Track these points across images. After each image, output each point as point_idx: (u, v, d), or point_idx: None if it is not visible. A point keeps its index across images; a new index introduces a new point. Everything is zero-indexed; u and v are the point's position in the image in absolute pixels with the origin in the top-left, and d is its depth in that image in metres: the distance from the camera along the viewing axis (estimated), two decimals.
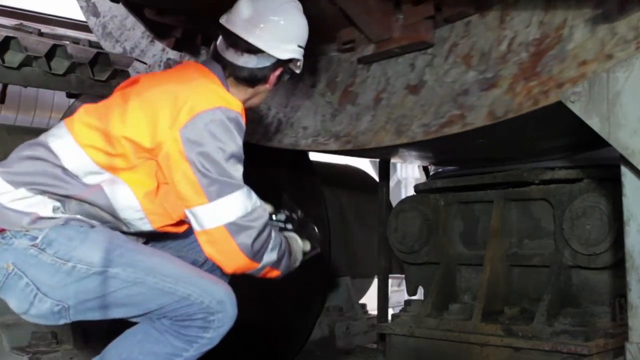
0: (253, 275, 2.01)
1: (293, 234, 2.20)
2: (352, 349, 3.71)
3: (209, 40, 2.60)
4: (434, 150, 2.89)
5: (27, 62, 3.28)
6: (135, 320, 1.96)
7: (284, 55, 2.09)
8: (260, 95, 2.19)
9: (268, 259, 1.97)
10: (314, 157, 3.99)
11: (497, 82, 2.26)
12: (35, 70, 3.33)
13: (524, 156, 2.90)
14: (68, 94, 3.91)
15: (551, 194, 2.73)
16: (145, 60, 3.70)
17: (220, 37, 2.14)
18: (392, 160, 3.77)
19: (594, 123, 1.85)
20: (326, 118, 2.85)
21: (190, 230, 2.07)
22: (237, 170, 1.93)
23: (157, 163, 1.94)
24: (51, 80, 3.40)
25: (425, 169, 4.58)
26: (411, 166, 10.58)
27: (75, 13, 5.10)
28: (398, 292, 8.68)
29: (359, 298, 4.53)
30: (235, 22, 2.08)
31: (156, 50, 3.65)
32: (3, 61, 3.20)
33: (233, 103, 1.97)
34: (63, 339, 2.90)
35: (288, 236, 2.16)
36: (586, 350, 2.33)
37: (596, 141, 1.90)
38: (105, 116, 1.97)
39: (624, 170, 1.83)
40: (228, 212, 1.88)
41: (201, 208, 1.88)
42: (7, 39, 3.16)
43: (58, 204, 1.91)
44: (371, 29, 2.64)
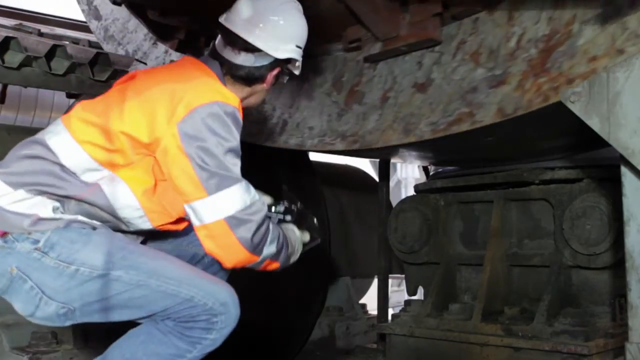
0: (253, 268, 2.00)
1: (290, 225, 2.20)
2: (352, 349, 3.70)
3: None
4: (437, 149, 2.87)
5: (27, 63, 3.28)
6: (139, 321, 1.97)
7: (282, 54, 2.10)
8: (257, 94, 2.19)
9: (268, 252, 1.97)
10: (314, 157, 3.99)
11: (506, 79, 2.24)
12: (35, 70, 3.34)
13: (524, 156, 2.90)
14: (68, 94, 3.90)
15: (551, 194, 2.73)
16: (147, 62, 3.69)
17: (219, 36, 2.14)
18: (392, 160, 3.77)
19: (594, 123, 1.85)
20: (332, 118, 2.83)
21: (189, 227, 2.07)
22: (235, 164, 1.93)
23: (155, 159, 1.94)
24: (51, 80, 3.40)
25: (425, 169, 4.57)
26: (411, 166, 10.57)
27: (75, 13, 5.10)
28: (398, 292, 8.68)
29: (359, 298, 4.53)
30: (234, 22, 2.08)
31: (159, 52, 3.63)
32: (3, 61, 3.20)
33: (230, 97, 1.97)
34: (63, 339, 2.90)
35: (284, 227, 2.15)
36: (586, 350, 2.33)
37: (596, 141, 1.90)
38: (103, 112, 1.96)
39: (624, 170, 1.83)
40: (227, 206, 1.88)
41: (200, 202, 1.88)
42: (7, 39, 3.16)
43: (57, 204, 1.90)
44: (378, 27, 2.61)
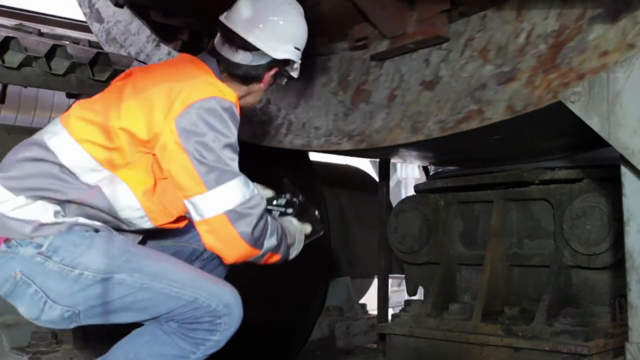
0: (255, 262, 2.00)
1: (289, 217, 2.19)
2: (352, 349, 3.70)
3: None
4: (439, 149, 2.86)
5: (27, 62, 3.28)
6: (142, 323, 1.97)
7: (280, 55, 2.10)
8: (254, 94, 2.19)
9: (269, 245, 1.97)
10: (314, 157, 3.99)
11: (516, 76, 2.21)
12: (35, 70, 3.33)
13: (524, 156, 2.90)
14: (68, 94, 3.89)
15: (551, 194, 2.73)
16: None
17: (218, 34, 2.15)
18: (393, 160, 3.77)
19: (594, 123, 1.85)
20: (338, 117, 2.80)
21: (189, 225, 2.07)
22: (233, 159, 1.92)
23: (154, 157, 1.94)
24: (51, 80, 3.39)
25: (425, 169, 4.57)
26: (411, 166, 10.57)
27: (75, 13, 5.10)
28: (398, 292, 8.68)
29: (359, 298, 4.54)
30: (235, 21, 2.09)
31: (162, 54, 3.61)
32: (3, 61, 3.20)
33: (227, 93, 1.96)
34: (63, 339, 2.90)
35: (282, 219, 2.15)
36: (586, 350, 2.33)
37: (596, 141, 1.90)
38: (102, 110, 1.96)
39: (624, 170, 1.83)
40: (227, 200, 1.87)
41: (200, 197, 1.88)
42: (7, 39, 3.15)
43: (58, 208, 1.90)
44: (385, 25, 2.59)
